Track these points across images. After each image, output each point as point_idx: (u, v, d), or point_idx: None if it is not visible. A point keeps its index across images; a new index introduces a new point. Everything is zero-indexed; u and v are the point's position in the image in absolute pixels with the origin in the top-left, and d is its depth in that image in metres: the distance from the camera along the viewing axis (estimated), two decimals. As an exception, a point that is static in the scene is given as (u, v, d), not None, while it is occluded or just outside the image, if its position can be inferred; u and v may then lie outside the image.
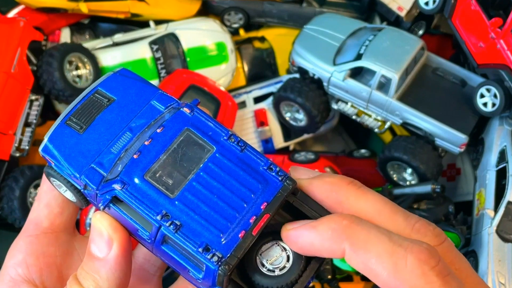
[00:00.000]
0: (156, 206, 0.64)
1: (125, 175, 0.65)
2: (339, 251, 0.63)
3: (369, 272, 0.62)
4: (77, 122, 0.71)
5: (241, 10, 2.72)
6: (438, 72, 2.35)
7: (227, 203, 0.65)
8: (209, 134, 0.68)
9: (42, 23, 2.47)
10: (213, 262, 0.61)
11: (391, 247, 0.61)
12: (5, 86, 2.11)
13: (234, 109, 2.45)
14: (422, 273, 0.59)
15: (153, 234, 0.65)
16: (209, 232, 0.63)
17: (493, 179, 2.09)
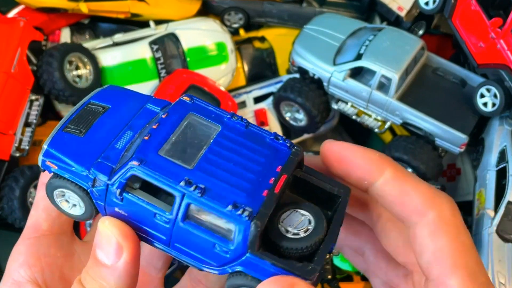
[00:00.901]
0: (177, 176, 0.63)
1: (139, 153, 0.65)
2: (377, 174, 0.66)
3: (401, 199, 0.65)
4: (75, 128, 0.72)
5: (241, 10, 2.72)
6: (438, 72, 2.35)
7: (244, 168, 0.65)
8: (212, 116, 0.70)
9: (42, 23, 2.47)
10: (245, 217, 0.61)
11: (428, 186, 0.66)
12: (5, 86, 2.11)
13: (234, 109, 2.45)
14: (454, 214, 0.64)
15: (175, 210, 0.64)
16: (233, 193, 0.63)
17: (493, 179, 2.09)
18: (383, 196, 0.68)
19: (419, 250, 0.65)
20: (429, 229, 0.64)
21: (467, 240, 0.64)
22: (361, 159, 0.69)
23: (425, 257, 0.64)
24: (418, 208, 0.65)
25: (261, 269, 0.63)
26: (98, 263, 0.66)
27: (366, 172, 0.68)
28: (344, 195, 0.70)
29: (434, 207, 0.65)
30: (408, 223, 0.67)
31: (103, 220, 0.67)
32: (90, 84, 2.34)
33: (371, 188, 0.69)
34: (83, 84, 2.33)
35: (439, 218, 0.64)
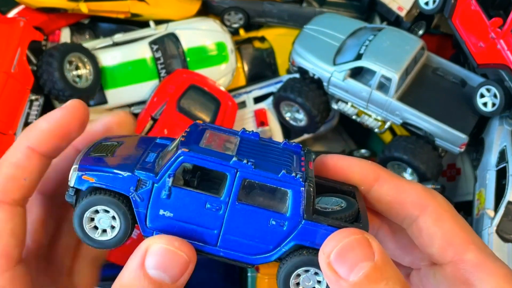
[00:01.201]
0: (225, 158, 0.66)
1: (184, 145, 0.68)
2: (372, 177, 0.72)
3: (399, 197, 0.71)
4: (99, 153, 0.74)
5: (241, 10, 2.72)
6: (438, 72, 2.35)
7: (275, 156, 0.70)
8: (227, 131, 0.75)
9: (42, 23, 2.47)
10: (299, 179, 0.65)
11: (420, 184, 0.73)
12: (5, 86, 2.11)
13: (234, 109, 2.45)
14: (448, 203, 0.71)
15: (228, 190, 0.65)
16: (279, 167, 0.66)
17: (493, 179, 2.09)
18: (380, 198, 0.73)
19: (427, 240, 0.70)
20: (432, 218, 0.70)
21: (464, 222, 0.71)
22: (357, 167, 0.74)
23: (436, 244, 0.69)
24: (417, 202, 0.71)
25: (319, 235, 0.65)
26: (155, 283, 0.65)
27: (362, 178, 0.73)
28: (355, 190, 0.74)
29: (431, 199, 0.71)
30: (409, 219, 0.71)
31: (152, 240, 0.66)
32: (90, 84, 2.34)
33: (368, 193, 0.73)
34: (83, 84, 2.33)
35: (438, 207, 0.71)
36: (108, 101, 2.46)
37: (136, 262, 0.65)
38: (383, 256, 0.60)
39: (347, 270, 0.59)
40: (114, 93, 2.45)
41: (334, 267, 0.60)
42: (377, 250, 0.60)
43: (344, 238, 0.61)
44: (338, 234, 0.62)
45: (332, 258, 0.60)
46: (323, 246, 0.62)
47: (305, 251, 0.66)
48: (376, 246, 0.61)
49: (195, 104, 2.38)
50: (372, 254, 0.60)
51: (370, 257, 0.59)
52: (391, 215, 0.73)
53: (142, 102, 2.48)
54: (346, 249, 0.60)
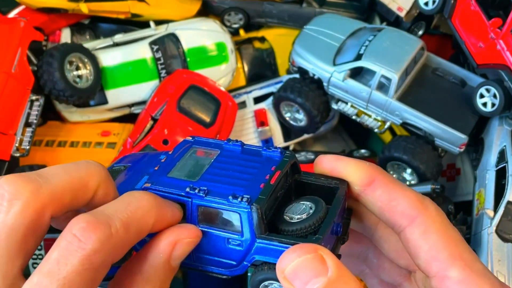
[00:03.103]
0: (183, 187, 0.71)
1: (150, 179, 0.73)
2: (367, 180, 0.72)
3: (390, 205, 0.70)
4: None
5: (241, 11, 2.73)
6: (438, 72, 2.36)
7: (241, 173, 0.73)
8: (212, 145, 0.79)
9: (42, 23, 2.48)
10: (244, 203, 0.67)
11: (414, 192, 0.71)
12: (6, 86, 2.12)
13: (234, 109, 2.46)
14: (440, 214, 0.70)
15: (188, 215, 0.70)
16: (232, 189, 0.70)
17: (492, 179, 2.09)
18: (372, 202, 0.72)
19: (414, 252, 0.69)
20: (419, 230, 0.68)
21: (456, 235, 0.69)
22: (352, 168, 0.74)
23: (422, 257, 0.68)
24: (406, 212, 0.70)
25: (274, 252, 0.68)
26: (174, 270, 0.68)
27: (357, 179, 0.73)
28: (341, 185, 0.75)
29: (422, 209, 0.69)
30: (398, 228, 0.71)
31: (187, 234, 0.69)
32: (90, 84, 2.34)
33: (362, 194, 0.73)
34: (83, 84, 2.33)
35: (427, 219, 0.69)
36: (109, 101, 2.47)
37: (164, 257, 0.66)
38: (337, 271, 0.61)
39: (302, 285, 0.61)
40: (115, 93, 2.46)
41: (290, 281, 0.62)
42: (331, 265, 0.61)
43: (297, 257, 0.62)
44: (291, 253, 0.63)
45: (287, 274, 0.62)
46: (278, 263, 0.63)
47: (266, 266, 0.70)
48: (331, 261, 0.61)
49: (195, 104, 2.38)
50: (325, 270, 0.61)
51: (323, 273, 0.61)
52: (383, 221, 0.74)
53: (142, 102, 2.48)
54: (299, 267, 0.61)
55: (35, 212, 0.57)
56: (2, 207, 0.56)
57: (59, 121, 2.52)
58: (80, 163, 0.66)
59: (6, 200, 0.56)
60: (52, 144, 2.41)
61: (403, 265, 0.78)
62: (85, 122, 2.51)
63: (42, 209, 0.58)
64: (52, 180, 0.60)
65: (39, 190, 0.58)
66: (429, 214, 0.69)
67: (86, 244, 0.56)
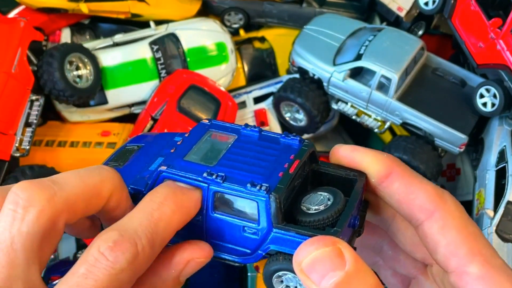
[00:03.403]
0: (200, 172, 0.69)
1: (166, 161, 0.71)
2: (385, 172, 0.70)
3: (408, 198, 0.69)
4: (114, 162, 0.79)
5: (241, 11, 2.73)
6: (438, 72, 2.36)
7: (259, 160, 0.72)
8: (229, 129, 0.78)
9: (42, 23, 2.48)
10: (263, 192, 0.66)
11: (433, 185, 0.70)
12: (6, 86, 2.12)
13: (234, 109, 2.46)
14: (459, 208, 0.69)
15: (204, 200, 0.70)
16: (251, 177, 0.69)
17: (492, 179, 2.09)
18: (390, 194, 0.71)
19: (432, 246, 0.68)
20: (438, 225, 0.67)
21: (475, 229, 0.68)
22: (370, 159, 0.72)
23: (440, 252, 0.67)
24: (424, 206, 0.68)
25: (290, 243, 0.67)
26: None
27: (375, 171, 0.72)
28: (360, 177, 0.74)
29: (440, 204, 0.68)
30: (416, 222, 0.70)
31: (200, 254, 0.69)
32: (90, 84, 2.34)
33: (379, 187, 0.72)
34: (83, 84, 2.33)
35: (446, 213, 0.68)
36: (109, 101, 2.47)
37: (175, 274, 0.66)
38: (355, 265, 0.60)
39: (319, 278, 0.60)
40: (115, 93, 2.46)
41: (306, 273, 0.61)
42: (349, 259, 0.61)
43: (315, 250, 0.61)
44: (309, 245, 0.62)
45: (304, 266, 0.61)
46: (295, 254, 0.63)
47: (281, 256, 0.69)
48: (349, 255, 0.61)
49: (195, 104, 2.38)
50: (343, 263, 0.60)
51: (341, 266, 0.60)
52: (400, 213, 0.73)
53: (142, 102, 2.48)
54: (317, 260, 0.61)
55: (49, 220, 0.57)
56: (17, 214, 0.56)
57: (59, 121, 2.52)
58: (93, 169, 0.65)
59: (21, 207, 0.56)
60: (52, 144, 2.41)
61: (420, 258, 0.77)
62: (85, 122, 2.51)
63: (56, 216, 0.58)
64: (66, 187, 0.60)
65: (54, 198, 0.58)
66: (448, 208, 0.68)
67: (114, 264, 0.57)
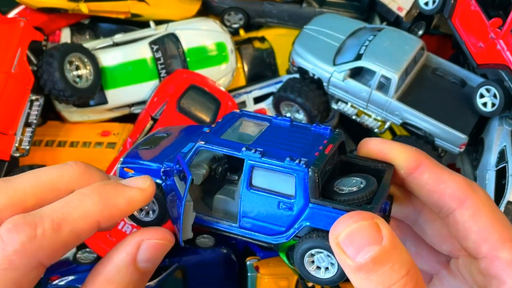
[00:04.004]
0: (238, 147, 0.72)
1: (203, 138, 0.74)
2: (414, 163, 0.72)
3: (439, 187, 0.71)
4: (145, 145, 0.83)
5: (241, 11, 2.73)
6: (438, 72, 2.36)
7: (294, 142, 0.74)
8: (261, 118, 0.81)
9: (42, 23, 2.48)
10: (302, 165, 0.68)
11: (462, 176, 0.71)
12: (5, 86, 2.11)
13: (234, 109, 2.45)
14: (488, 197, 0.70)
15: (244, 174, 0.71)
16: (289, 153, 0.70)
17: (492, 179, 2.09)
18: (420, 185, 0.73)
19: (463, 234, 0.70)
20: (469, 212, 0.69)
21: (504, 218, 0.71)
22: (399, 151, 0.74)
23: (471, 239, 0.69)
24: (455, 195, 0.70)
25: (326, 219, 0.68)
26: (144, 273, 0.69)
27: (403, 164, 0.73)
28: (388, 168, 0.75)
29: (470, 193, 0.70)
30: (446, 211, 0.72)
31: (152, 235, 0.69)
32: (90, 84, 2.34)
33: (408, 178, 0.74)
34: (83, 84, 2.33)
35: (477, 201, 0.70)
36: (108, 101, 2.46)
37: (128, 258, 0.66)
38: (391, 240, 0.61)
39: (355, 252, 0.61)
40: (114, 93, 2.46)
41: (343, 247, 0.62)
42: (386, 234, 0.62)
43: (353, 223, 0.62)
44: (347, 218, 0.63)
45: (341, 240, 0.62)
46: (333, 228, 0.64)
47: (315, 234, 0.70)
48: (386, 230, 0.62)
49: (195, 104, 2.38)
50: (380, 238, 0.61)
51: (378, 241, 0.61)
52: (429, 204, 0.74)
53: (142, 102, 2.48)
54: (354, 233, 0.62)
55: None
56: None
57: (59, 121, 2.52)
58: (57, 165, 0.68)
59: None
60: (52, 144, 2.41)
61: (446, 250, 0.78)
62: (85, 122, 2.51)
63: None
64: (14, 183, 0.63)
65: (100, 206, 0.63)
66: (478, 197, 0.70)
67: (6, 245, 0.57)
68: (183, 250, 2.13)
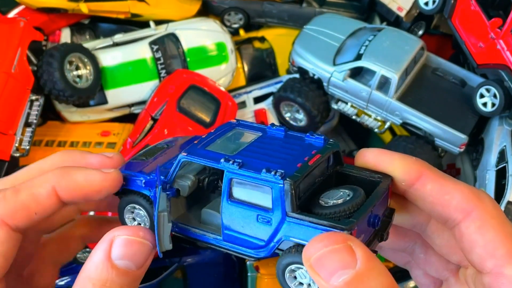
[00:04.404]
0: (218, 158, 0.71)
1: (188, 150, 0.74)
2: (415, 174, 0.69)
3: (442, 199, 0.67)
4: (142, 157, 0.84)
5: (241, 11, 2.73)
6: (438, 72, 2.36)
7: (279, 153, 0.72)
8: (255, 128, 0.80)
9: (42, 23, 2.48)
10: (278, 177, 0.66)
11: (467, 185, 0.68)
12: (6, 86, 2.11)
13: (234, 109, 2.45)
14: (496, 208, 0.67)
15: (223, 185, 0.71)
16: (267, 164, 0.69)
17: (492, 179, 2.09)
18: (423, 197, 0.70)
19: (468, 246, 0.67)
20: (475, 224, 0.66)
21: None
22: (398, 163, 0.71)
23: (477, 252, 0.66)
24: (461, 206, 0.67)
25: (304, 233, 0.66)
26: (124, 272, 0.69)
27: (403, 175, 0.70)
28: (384, 179, 0.72)
29: (477, 204, 0.67)
30: (452, 222, 0.68)
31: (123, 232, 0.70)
32: (90, 84, 2.34)
33: (410, 190, 0.70)
34: (83, 84, 2.33)
35: (484, 213, 0.66)
36: (108, 101, 2.46)
37: (102, 254, 0.67)
38: (366, 263, 0.59)
39: (328, 275, 0.59)
40: (114, 93, 2.46)
41: (315, 270, 0.60)
42: (360, 257, 0.59)
43: (323, 247, 0.60)
44: (318, 242, 0.61)
45: (312, 262, 0.60)
46: (305, 249, 0.62)
47: (294, 248, 0.68)
48: (361, 253, 0.60)
49: (195, 104, 2.38)
50: (354, 261, 0.59)
51: (351, 264, 0.59)
52: (433, 216, 0.71)
53: (142, 102, 2.48)
54: (325, 257, 0.60)
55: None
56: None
57: (59, 121, 2.52)
58: (99, 174, 0.74)
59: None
60: (52, 144, 2.41)
61: (455, 260, 0.76)
62: (85, 122, 2.51)
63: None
64: (13, 179, 0.76)
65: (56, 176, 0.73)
66: (485, 208, 0.67)
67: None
68: (183, 250, 2.13)
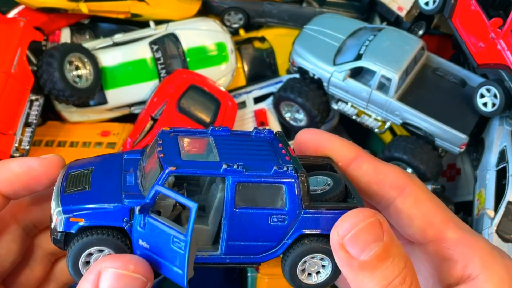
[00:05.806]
0: (216, 166, 0.66)
1: (168, 163, 0.66)
2: (351, 155, 0.74)
3: (378, 178, 0.72)
4: (76, 187, 0.70)
5: (241, 10, 2.72)
6: (438, 72, 2.35)
7: (254, 150, 0.71)
8: (197, 133, 0.75)
9: (42, 23, 2.47)
10: (291, 172, 0.65)
11: (397, 167, 0.74)
12: (5, 86, 2.11)
13: (234, 109, 2.45)
14: (424, 186, 0.74)
15: (227, 194, 0.66)
16: (268, 163, 0.67)
17: (493, 179, 2.09)
18: (359, 177, 0.75)
19: (407, 221, 0.72)
20: (411, 199, 0.72)
21: (442, 203, 0.74)
22: (337, 144, 0.76)
23: (416, 224, 0.72)
24: (395, 183, 0.73)
25: (322, 221, 0.67)
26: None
27: (341, 155, 0.76)
28: (330, 162, 0.75)
29: (408, 182, 0.73)
30: (387, 200, 0.73)
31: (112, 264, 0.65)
32: (90, 84, 2.34)
33: (347, 170, 0.75)
34: (83, 84, 2.33)
35: (416, 188, 0.73)
36: (108, 101, 2.46)
37: (89, 285, 0.63)
38: (390, 235, 0.63)
39: (359, 251, 0.62)
40: (114, 93, 2.45)
41: (346, 248, 0.62)
42: (386, 230, 0.63)
43: (360, 222, 0.62)
44: (351, 217, 0.63)
45: (346, 240, 0.62)
46: (337, 228, 0.63)
47: (306, 239, 0.68)
48: (386, 226, 0.63)
49: (195, 104, 2.38)
50: (382, 234, 0.62)
51: (380, 237, 0.62)
52: (368, 195, 0.75)
53: (142, 102, 2.48)
54: (362, 231, 0.62)
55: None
56: None
57: (59, 121, 2.52)
58: (34, 159, 0.78)
59: None
60: (52, 144, 2.40)
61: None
62: (85, 122, 2.50)
63: None
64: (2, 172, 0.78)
65: None
66: (417, 185, 0.73)
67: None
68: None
